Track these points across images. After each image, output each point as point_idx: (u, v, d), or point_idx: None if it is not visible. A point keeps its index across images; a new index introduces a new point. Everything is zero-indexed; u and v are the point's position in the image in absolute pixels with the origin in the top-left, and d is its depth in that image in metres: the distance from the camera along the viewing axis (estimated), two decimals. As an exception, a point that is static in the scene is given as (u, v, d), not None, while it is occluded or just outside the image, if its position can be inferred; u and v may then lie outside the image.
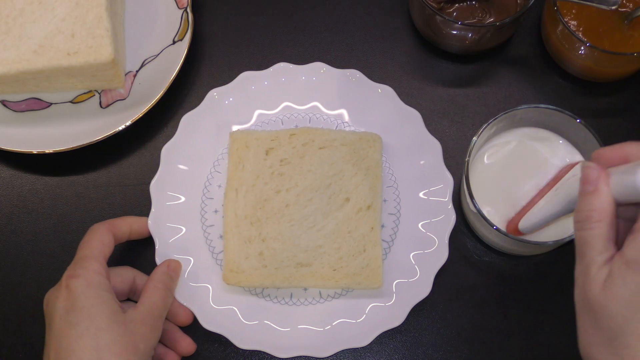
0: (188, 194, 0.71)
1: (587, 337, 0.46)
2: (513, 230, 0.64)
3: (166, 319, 0.65)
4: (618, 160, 0.47)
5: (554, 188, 0.59)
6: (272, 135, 0.70)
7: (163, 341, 0.66)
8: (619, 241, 0.47)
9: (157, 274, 0.64)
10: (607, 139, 0.63)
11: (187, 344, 0.66)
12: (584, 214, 0.46)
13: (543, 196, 0.62)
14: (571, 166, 0.64)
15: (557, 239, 0.62)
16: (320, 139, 0.70)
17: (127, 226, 0.67)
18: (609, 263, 0.45)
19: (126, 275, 0.65)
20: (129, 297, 0.67)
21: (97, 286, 0.59)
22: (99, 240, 0.63)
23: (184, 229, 0.69)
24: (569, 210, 0.55)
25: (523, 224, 0.62)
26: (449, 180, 0.69)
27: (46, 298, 0.60)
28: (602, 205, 0.45)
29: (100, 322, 0.56)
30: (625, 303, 0.43)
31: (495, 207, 0.65)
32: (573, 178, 0.54)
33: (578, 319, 0.47)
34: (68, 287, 0.58)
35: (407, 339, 0.68)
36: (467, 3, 0.74)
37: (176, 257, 0.68)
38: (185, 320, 0.67)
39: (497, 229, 0.61)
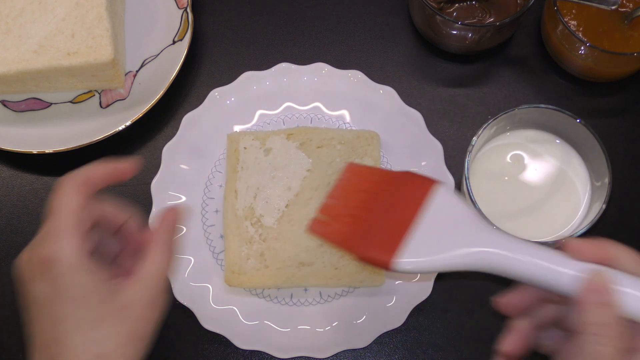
0: (189, 194, 0.71)
1: None
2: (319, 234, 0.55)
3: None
4: (595, 259, 0.45)
5: None
6: (270, 136, 0.70)
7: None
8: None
9: (158, 234, 0.52)
10: (607, 139, 0.63)
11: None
12: (596, 327, 0.42)
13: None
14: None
15: (556, 239, 0.62)
16: (318, 138, 0.70)
17: (102, 174, 0.51)
18: None
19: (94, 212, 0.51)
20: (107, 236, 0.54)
21: (80, 270, 0.47)
22: (69, 208, 0.48)
23: (184, 229, 0.69)
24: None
25: (410, 262, 0.49)
26: (450, 182, 0.69)
27: (19, 270, 0.50)
28: (611, 320, 0.42)
29: (93, 315, 0.47)
30: None
31: (495, 207, 0.65)
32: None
33: None
34: (49, 273, 0.47)
35: (407, 339, 0.68)
36: (467, 3, 0.74)
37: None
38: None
39: (497, 229, 0.61)
